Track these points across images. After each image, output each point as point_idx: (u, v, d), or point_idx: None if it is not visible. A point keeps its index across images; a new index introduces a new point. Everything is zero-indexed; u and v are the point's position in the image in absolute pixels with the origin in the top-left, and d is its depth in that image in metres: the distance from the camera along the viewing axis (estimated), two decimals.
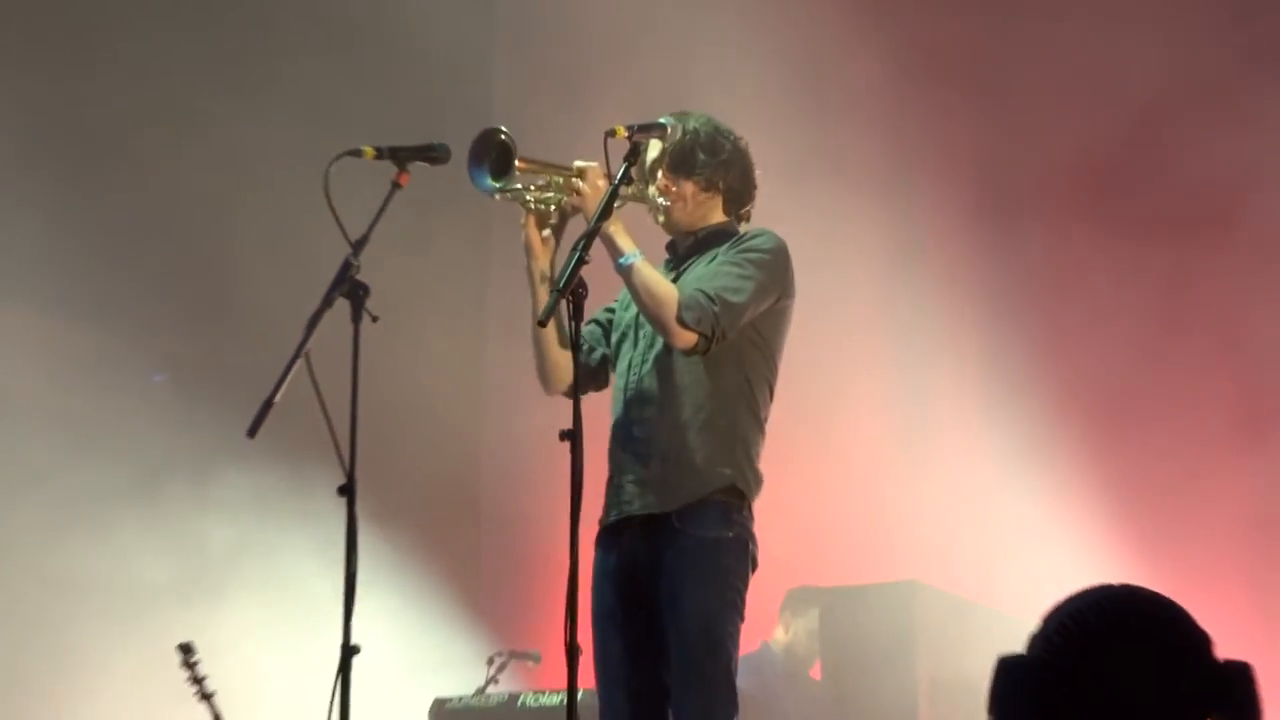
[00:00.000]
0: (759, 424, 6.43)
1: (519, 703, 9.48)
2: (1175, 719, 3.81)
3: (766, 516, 6.40)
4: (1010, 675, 3.86)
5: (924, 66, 11.68)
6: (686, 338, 6.14)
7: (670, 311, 6.13)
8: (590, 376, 6.49)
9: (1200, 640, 3.83)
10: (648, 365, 6.40)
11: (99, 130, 11.03)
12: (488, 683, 9.89)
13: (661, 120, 6.44)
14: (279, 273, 7.89)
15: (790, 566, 9.91)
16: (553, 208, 6.44)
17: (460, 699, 9.70)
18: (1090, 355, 10.82)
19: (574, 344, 6.21)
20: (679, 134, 6.45)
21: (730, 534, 6.22)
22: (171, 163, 11.14)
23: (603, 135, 6.33)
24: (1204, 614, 3.87)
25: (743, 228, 6.62)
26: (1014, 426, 10.92)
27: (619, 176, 6.25)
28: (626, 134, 6.28)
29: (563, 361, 6.39)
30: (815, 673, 9.80)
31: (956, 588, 9.88)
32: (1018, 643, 3.94)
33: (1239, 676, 3.79)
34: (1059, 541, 9.76)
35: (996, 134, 11.39)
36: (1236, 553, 9.96)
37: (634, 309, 6.42)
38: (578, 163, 6.36)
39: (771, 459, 6.47)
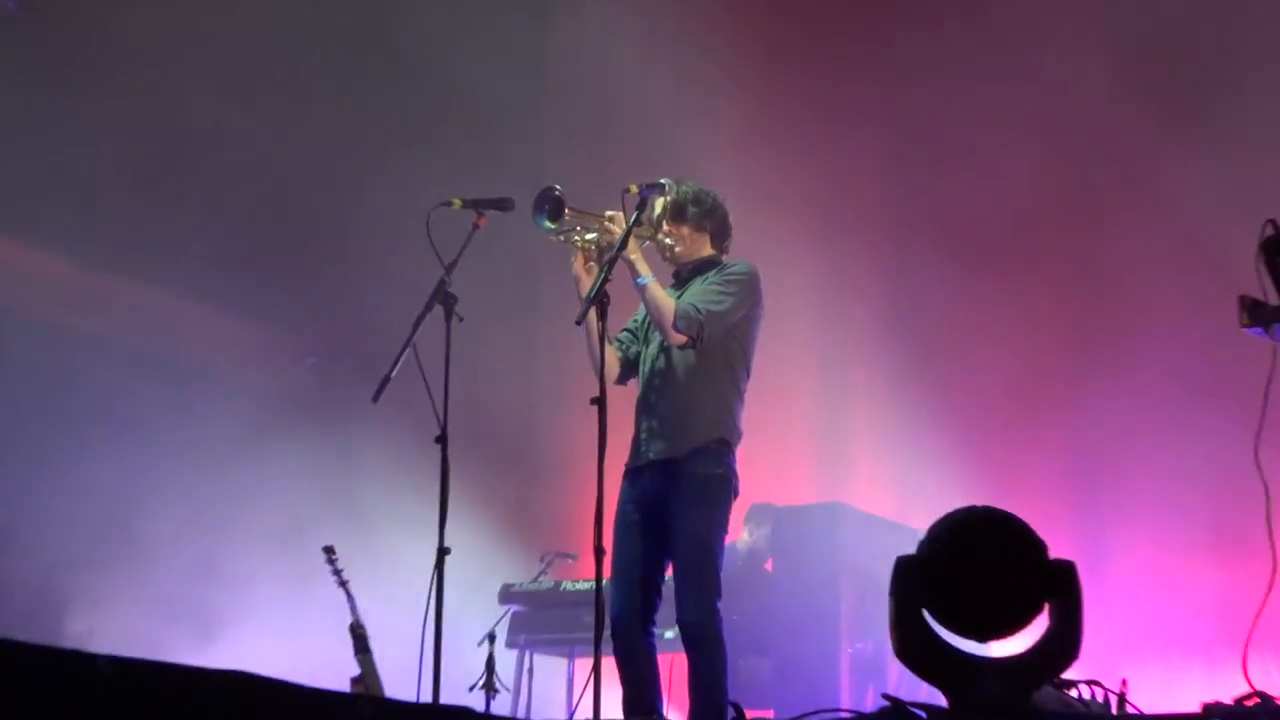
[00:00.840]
0: (740, 395, 6.60)
1: (561, 588, 9.52)
2: (1020, 602, 3.82)
3: (744, 452, 6.51)
4: (904, 569, 3.88)
5: (851, 136, 11.62)
6: (678, 338, 6.39)
7: (669, 319, 6.37)
8: (631, 367, 6.72)
9: (1038, 545, 3.85)
10: (660, 356, 6.59)
11: (282, 181, 11.08)
12: (539, 573, 9.89)
13: (662, 181, 6.60)
14: (393, 286, 7.89)
15: (754, 489, 9.92)
16: (593, 247, 6.56)
17: (520, 584, 9.73)
18: (966, 349, 10.81)
19: (601, 339, 6.35)
20: (675, 194, 6.67)
21: (720, 471, 6.43)
22: (327, 206, 11.24)
23: (620, 192, 6.53)
24: (1040, 527, 3.90)
25: (725, 258, 6.78)
26: (914, 401, 10.92)
27: (632, 220, 6.38)
28: (637, 190, 6.47)
29: (610, 361, 6.54)
30: (768, 566, 9.79)
31: (869, 507, 9.88)
32: (911, 547, 3.95)
33: (1066, 571, 3.82)
34: (940, 478, 9.76)
35: (914, 189, 11.33)
36: (1062, 484, 9.97)
37: (648, 317, 6.62)
38: (609, 211, 6.51)
39: (749, 415, 6.60)
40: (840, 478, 10.85)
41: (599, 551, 6.14)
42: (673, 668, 6.54)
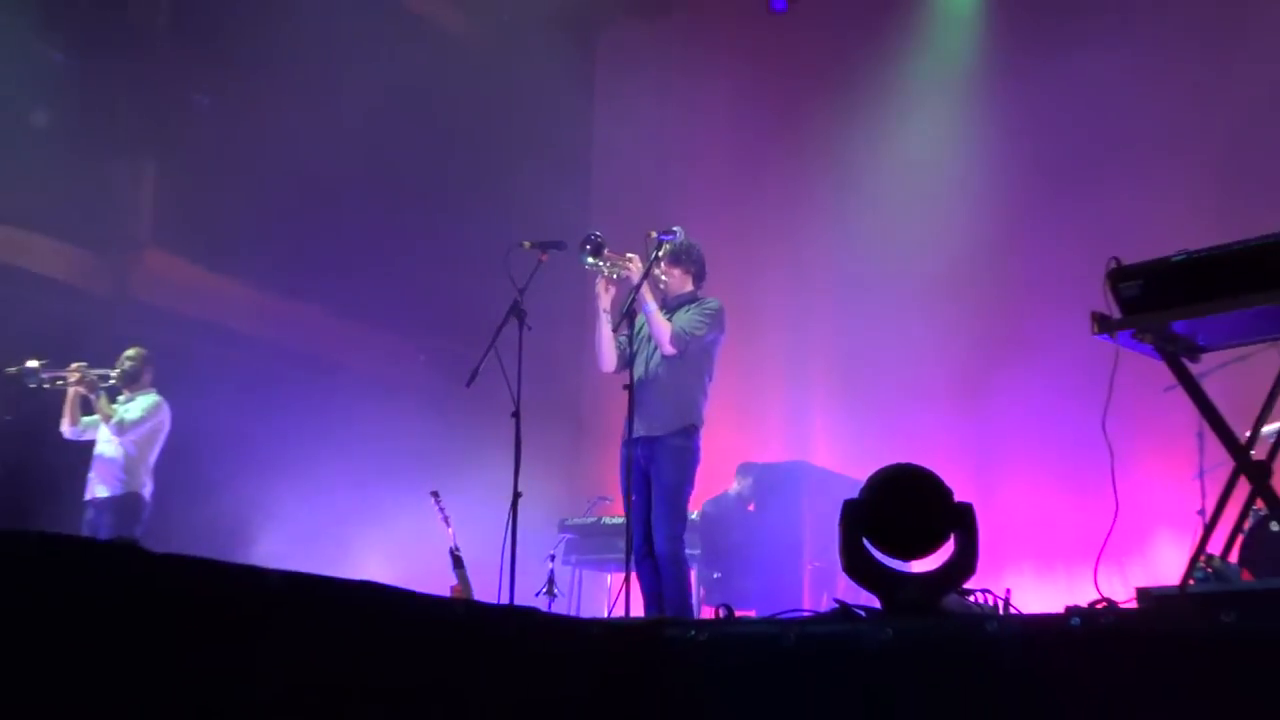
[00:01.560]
0: (705, 393, 6.64)
1: (601, 522, 9.61)
2: (932, 532, 3.82)
3: (733, 425, 6.62)
4: (849, 508, 3.87)
5: (818, 185, 11.60)
6: (670, 351, 6.50)
7: (667, 337, 6.49)
8: (629, 361, 6.61)
9: (946, 491, 3.84)
10: (652, 360, 6.60)
11: (402, 231, 11.17)
12: (586, 512, 9.92)
13: (674, 229, 6.67)
14: (481, 303, 7.85)
15: (742, 449, 9.92)
16: (615, 275, 6.62)
17: (572, 519, 9.79)
18: (898, 351, 10.76)
19: (631, 339, 6.60)
20: (673, 245, 6.71)
21: (688, 445, 6.51)
22: (432, 250, 11.42)
23: (643, 236, 6.67)
24: (949, 478, 3.89)
25: (701, 293, 6.80)
26: (858, 388, 10.92)
27: (651, 259, 6.59)
28: (655, 235, 6.61)
29: (610, 352, 6.69)
30: (750, 508, 9.77)
31: (824, 464, 9.87)
32: (854, 492, 3.95)
33: (966, 511, 3.81)
34: (876, 443, 9.71)
35: (862, 234, 11.30)
36: (965, 447, 9.91)
37: (645, 330, 6.63)
38: (629, 254, 6.61)
39: (737, 398, 6.67)
40: (803, 443, 10.81)
41: (627, 494, 6.42)
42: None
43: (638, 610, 6.42)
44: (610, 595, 9.37)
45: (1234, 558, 4.63)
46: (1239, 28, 9.76)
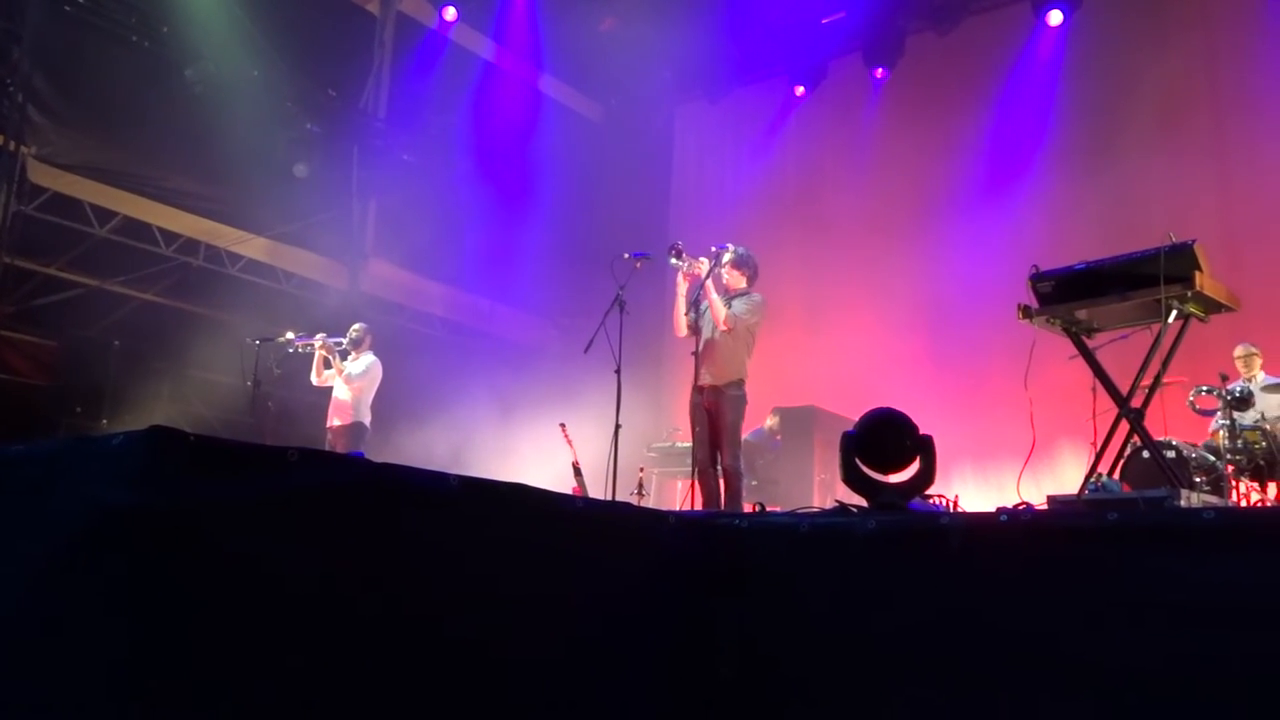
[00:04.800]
0: (749, 357, 6.47)
1: (675, 445, 9.58)
2: (904, 456, 3.76)
3: (768, 380, 6.51)
4: (846, 438, 3.83)
5: (832, 211, 11.50)
6: (724, 327, 6.30)
7: (722, 317, 6.30)
8: (696, 332, 6.48)
9: (914, 426, 3.79)
10: (713, 333, 6.43)
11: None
12: (664, 438, 9.90)
13: (728, 244, 6.54)
14: (596, 293, 7.78)
15: (775, 398, 9.82)
16: (688, 273, 6.46)
17: (655, 443, 9.77)
18: (886, 328, 10.62)
19: (697, 318, 6.44)
20: (735, 254, 6.53)
21: (739, 393, 6.35)
22: (563, 251, 11.22)
23: (707, 248, 6.52)
24: (915, 415, 3.83)
25: (750, 289, 6.60)
26: (852, 360, 10.79)
27: (713, 263, 6.42)
28: (716, 248, 6.46)
29: (681, 322, 6.50)
30: (778, 437, 9.69)
31: (829, 408, 9.74)
32: (849, 426, 3.89)
33: (928, 440, 3.75)
34: (863, 391, 9.56)
35: (858, 254, 11.15)
36: (929, 398, 9.75)
37: (709, 313, 6.45)
38: (701, 258, 6.44)
39: (770, 362, 6.58)
40: (814, 393, 10.65)
41: (693, 428, 6.35)
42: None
43: (699, 506, 6.44)
44: (679, 496, 9.39)
45: (1116, 475, 4.56)
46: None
